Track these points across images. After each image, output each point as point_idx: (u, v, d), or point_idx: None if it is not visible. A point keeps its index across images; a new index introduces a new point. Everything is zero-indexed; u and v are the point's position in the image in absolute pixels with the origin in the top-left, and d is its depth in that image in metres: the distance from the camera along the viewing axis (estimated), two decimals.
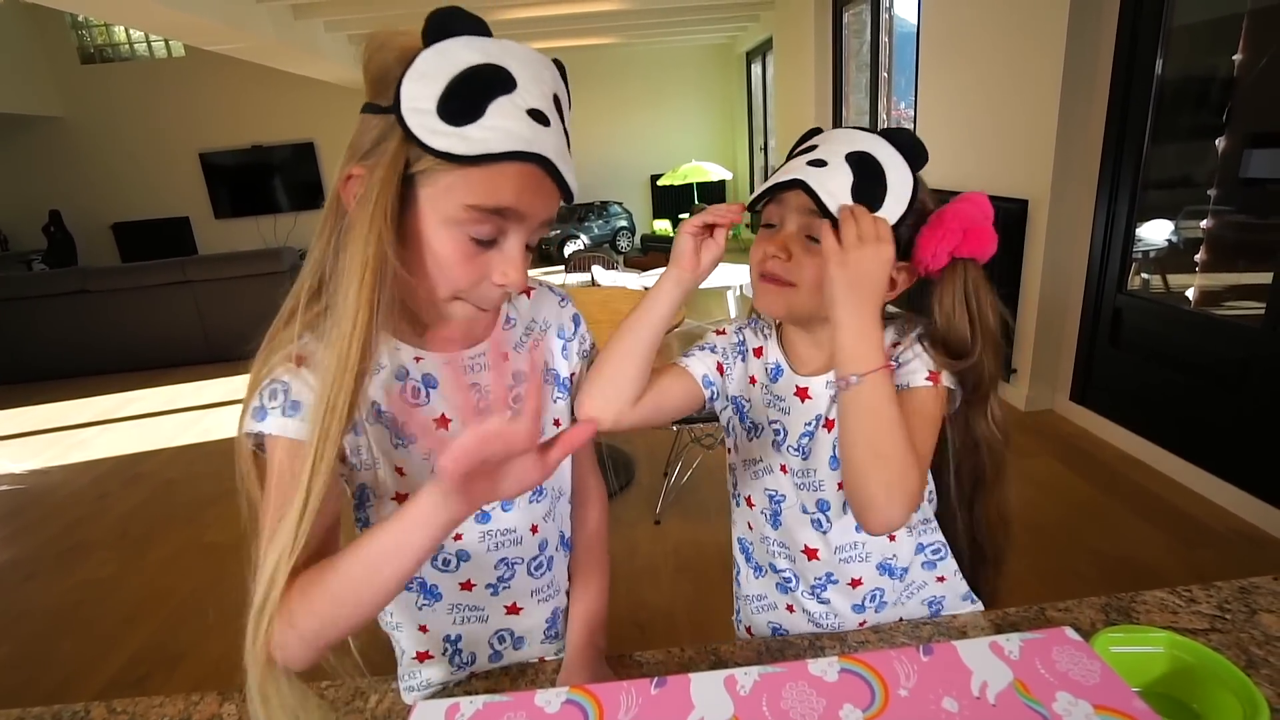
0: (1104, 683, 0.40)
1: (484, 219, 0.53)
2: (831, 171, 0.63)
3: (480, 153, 0.49)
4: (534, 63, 0.54)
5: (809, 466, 0.73)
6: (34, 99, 7.67)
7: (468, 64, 0.51)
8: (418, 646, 0.71)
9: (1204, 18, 2.39)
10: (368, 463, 0.62)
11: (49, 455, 3.47)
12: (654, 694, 0.42)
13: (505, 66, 0.51)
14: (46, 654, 1.95)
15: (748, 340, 0.79)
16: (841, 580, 0.76)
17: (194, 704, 0.70)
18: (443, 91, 0.50)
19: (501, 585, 0.71)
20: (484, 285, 0.56)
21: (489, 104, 0.50)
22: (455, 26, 0.52)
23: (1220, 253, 2.44)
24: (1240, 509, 2.10)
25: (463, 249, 0.54)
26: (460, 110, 0.50)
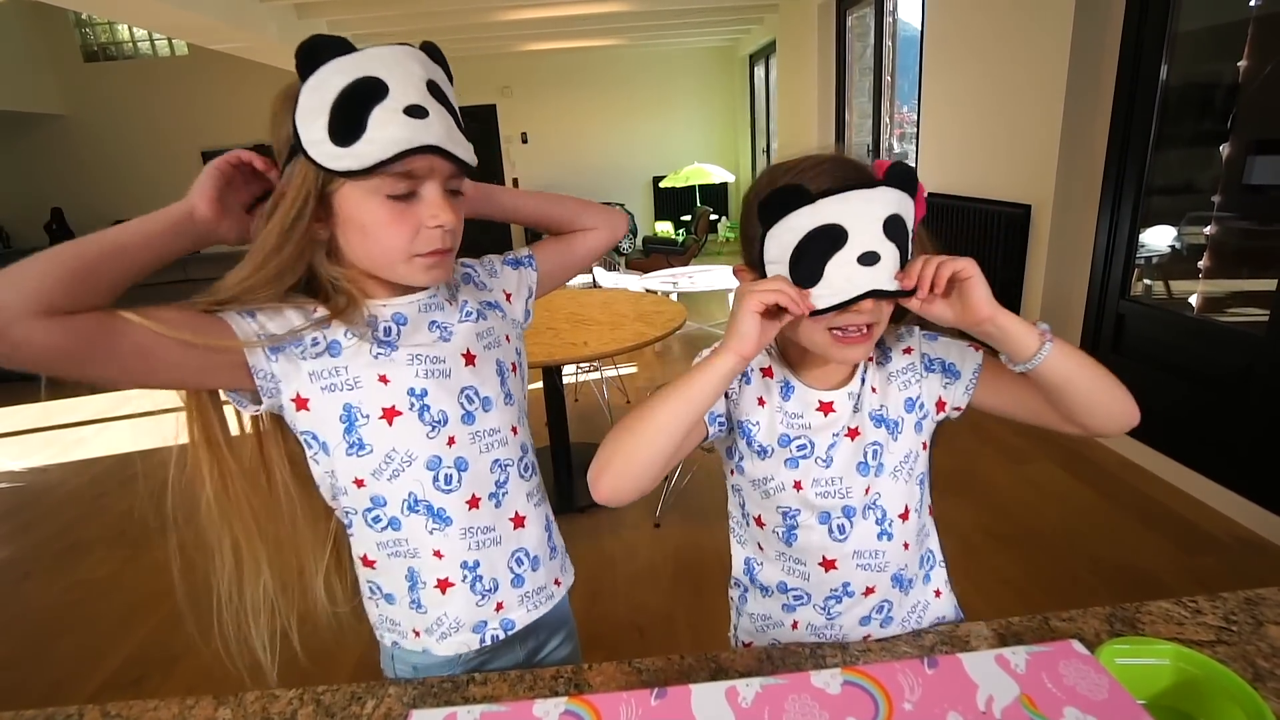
0: (1112, 698, 0.39)
1: (397, 179, 0.62)
2: (886, 262, 0.60)
3: (373, 163, 0.59)
4: (401, 61, 0.61)
5: (833, 475, 0.73)
6: (37, 97, 7.68)
7: (340, 88, 0.58)
8: (437, 574, 0.74)
9: (1209, 24, 2.38)
10: (348, 382, 0.68)
11: (47, 454, 3.47)
12: (654, 705, 0.41)
13: (374, 76, 0.59)
14: (42, 654, 1.95)
15: (755, 361, 0.75)
16: (856, 590, 0.75)
17: (189, 708, 0.69)
18: (328, 119, 0.59)
19: (501, 492, 0.76)
20: (422, 234, 0.65)
21: (368, 118, 0.58)
22: (321, 55, 0.59)
23: (1224, 259, 2.43)
24: (1242, 516, 2.10)
25: (387, 209, 0.63)
26: (345, 131, 0.59)
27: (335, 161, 0.59)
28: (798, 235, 0.60)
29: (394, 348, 0.69)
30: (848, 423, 0.73)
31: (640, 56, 8.68)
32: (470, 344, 0.75)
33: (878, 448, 0.73)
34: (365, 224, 0.64)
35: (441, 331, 0.73)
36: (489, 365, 0.76)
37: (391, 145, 0.59)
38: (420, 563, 0.73)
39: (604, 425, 3.26)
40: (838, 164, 0.65)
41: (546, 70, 8.60)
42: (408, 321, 0.72)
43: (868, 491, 0.73)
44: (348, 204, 0.64)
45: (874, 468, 0.73)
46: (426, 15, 5.61)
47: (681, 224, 8.08)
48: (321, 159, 0.60)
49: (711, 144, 9.06)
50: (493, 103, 8.74)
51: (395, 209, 0.63)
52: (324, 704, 0.68)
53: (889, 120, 4.67)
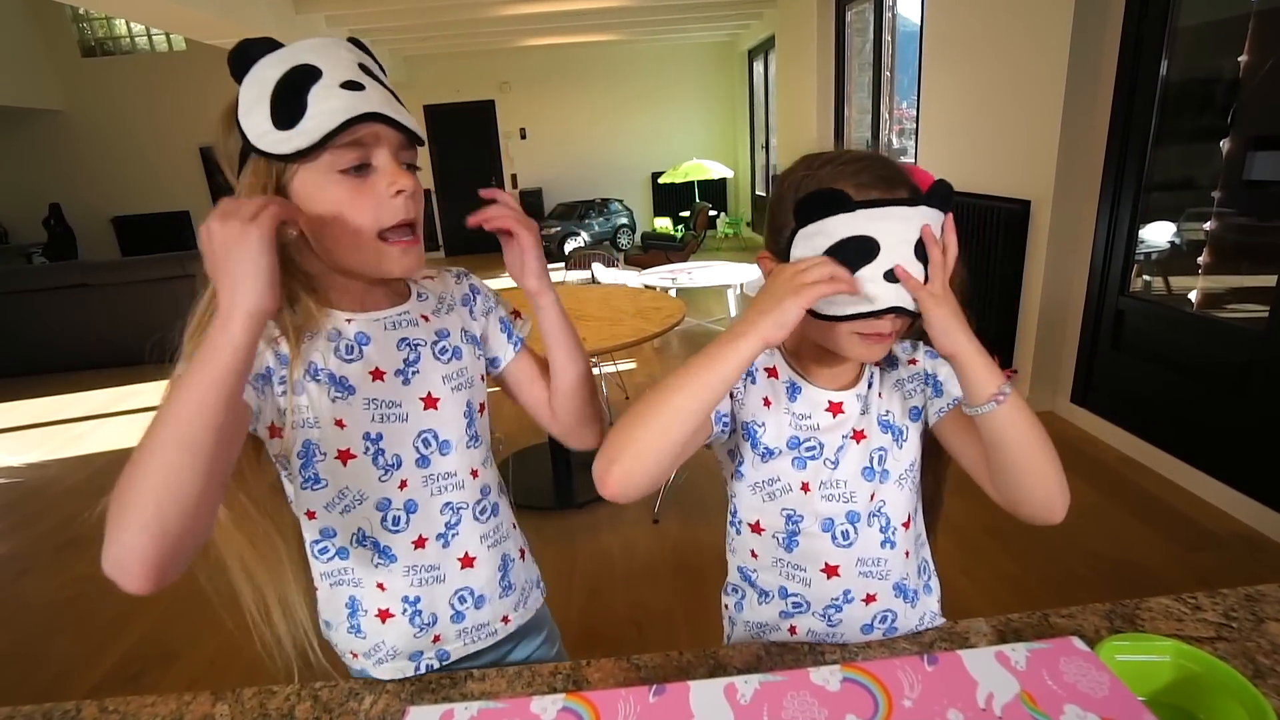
0: (1113, 695, 0.39)
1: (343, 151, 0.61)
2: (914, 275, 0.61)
3: (321, 135, 0.59)
4: (330, 48, 0.63)
5: (838, 478, 0.72)
6: (34, 92, 7.65)
7: (276, 78, 0.60)
8: (378, 604, 0.73)
9: (1209, 18, 2.38)
10: (311, 420, 0.66)
11: (47, 449, 3.47)
12: (652, 702, 0.41)
13: (307, 62, 0.61)
14: (41, 650, 1.95)
15: (759, 360, 0.74)
16: (857, 597, 0.74)
17: (186, 704, 0.69)
18: (269, 108, 0.60)
19: (450, 533, 0.74)
20: (385, 206, 0.63)
21: (307, 97, 0.59)
22: (252, 54, 0.62)
23: (1223, 255, 2.43)
24: (1241, 512, 2.10)
25: (344, 187, 0.62)
26: (287, 114, 0.59)
27: (283, 145, 0.60)
28: (830, 240, 0.60)
29: (352, 391, 0.67)
30: (855, 425, 0.72)
31: (639, 52, 8.66)
32: (434, 387, 0.72)
33: (883, 453, 0.72)
34: (327, 208, 0.62)
35: (410, 352, 0.71)
36: (455, 407, 0.74)
37: (333, 116, 0.59)
38: (363, 592, 0.73)
39: None
40: (879, 166, 0.64)
41: (545, 66, 8.58)
42: (371, 341, 0.69)
43: (873, 498, 0.72)
44: (306, 191, 0.62)
45: (879, 473, 0.72)
46: (424, 10, 5.59)
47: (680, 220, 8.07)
48: (269, 147, 0.60)
49: (710, 140, 9.04)
50: (491, 98, 8.73)
51: (352, 184, 0.62)
52: (322, 700, 0.68)
53: (888, 116, 4.66)
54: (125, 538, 0.49)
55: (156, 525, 0.48)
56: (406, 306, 0.73)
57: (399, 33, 6.55)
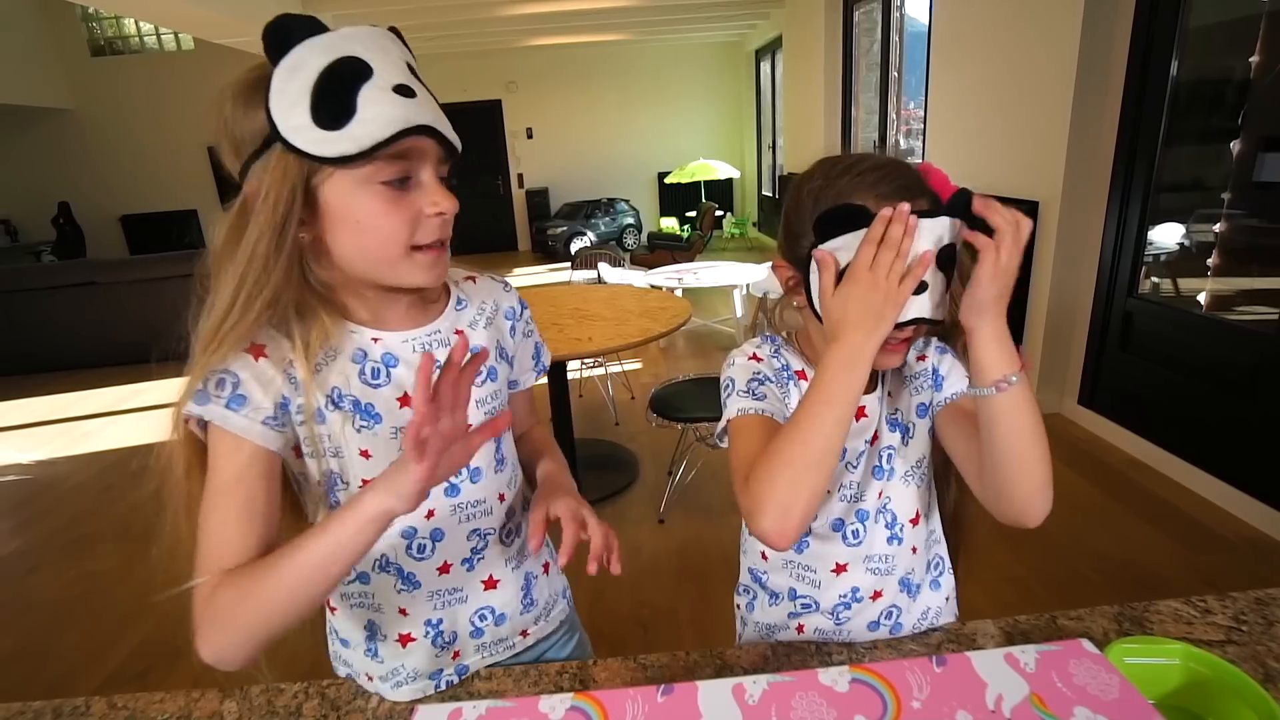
0: (1123, 698, 0.39)
1: (387, 163, 0.56)
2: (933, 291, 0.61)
3: (370, 145, 0.53)
4: (378, 40, 0.57)
5: (853, 479, 0.72)
6: (44, 91, 7.71)
7: (320, 67, 0.53)
8: (400, 629, 0.70)
9: (1220, 19, 2.36)
10: (331, 449, 0.63)
11: (55, 446, 3.49)
12: (660, 702, 0.41)
13: (356, 55, 0.54)
14: (49, 646, 1.96)
15: (790, 364, 0.73)
16: (865, 595, 0.74)
17: (194, 700, 0.69)
18: (310, 102, 0.53)
19: (476, 557, 0.72)
20: (423, 224, 0.60)
21: (357, 97, 0.53)
22: (294, 35, 0.54)
23: (1233, 257, 2.41)
24: (1250, 515, 2.08)
25: (382, 198, 0.57)
26: (334, 113, 0.53)
27: (325, 147, 0.53)
28: (850, 254, 0.60)
29: (379, 420, 0.63)
30: (875, 428, 0.72)
31: (646, 52, 8.65)
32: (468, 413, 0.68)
33: (890, 451, 0.73)
34: (359, 217, 0.57)
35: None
36: None
37: (388, 125, 0.54)
38: (383, 617, 0.70)
39: (608, 421, 3.26)
40: (898, 174, 0.62)
41: (552, 65, 8.59)
42: (399, 363, 0.65)
43: (880, 495, 0.73)
44: (337, 197, 0.56)
45: (887, 471, 0.72)
46: (433, 10, 5.60)
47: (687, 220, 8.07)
48: (308, 146, 0.53)
49: (717, 140, 9.03)
50: (498, 98, 8.74)
51: (391, 197, 0.57)
52: (329, 698, 0.68)
53: (895, 116, 4.64)
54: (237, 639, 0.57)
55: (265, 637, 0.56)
56: (438, 324, 0.68)
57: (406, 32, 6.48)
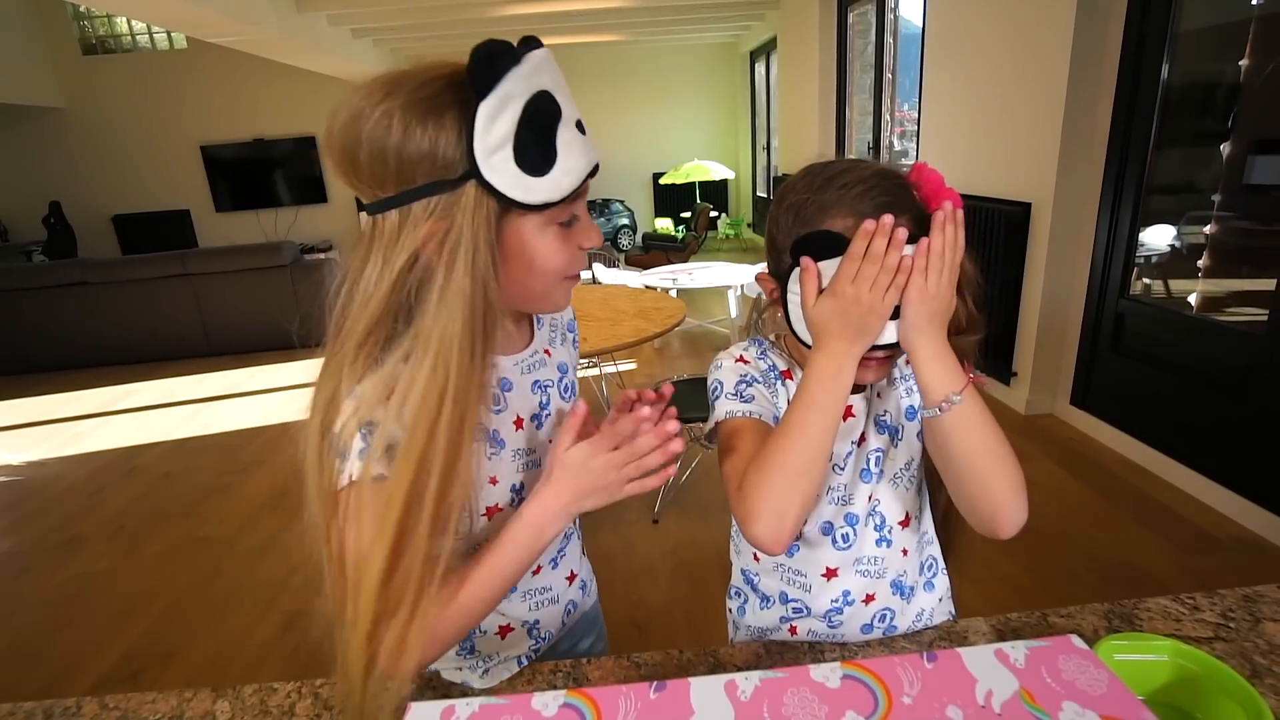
0: (1111, 693, 0.39)
1: (567, 208, 0.57)
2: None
3: (569, 193, 0.55)
4: (553, 67, 0.54)
5: (841, 481, 0.72)
6: (35, 89, 7.65)
7: (521, 106, 0.51)
8: (499, 622, 0.72)
9: (1211, 22, 2.38)
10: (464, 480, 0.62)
11: (47, 447, 3.47)
12: (653, 699, 0.41)
13: (546, 90, 0.53)
14: (41, 648, 1.95)
15: (776, 364, 0.74)
16: (856, 598, 0.74)
17: (187, 700, 0.69)
18: (515, 144, 0.51)
19: (559, 555, 0.76)
20: (577, 257, 0.61)
21: (556, 143, 0.53)
22: (501, 66, 0.50)
23: (1223, 259, 2.43)
24: (1241, 516, 2.10)
25: (558, 238, 0.58)
26: (538, 161, 0.52)
27: (530, 194, 0.53)
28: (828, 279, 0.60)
29: (503, 445, 0.66)
30: (862, 429, 0.72)
31: (641, 52, 8.66)
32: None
33: (879, 454, 0.72)
34: (533, 255, 0.58)
35: (541, 395, 0.70)
36: None
37: (581, 171, 0.55)
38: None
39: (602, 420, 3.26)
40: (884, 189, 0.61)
41: None
42: (513, 387, 0.67)
43: (870, 498, 0.72)
44: (519, 237, 0.56)
45: (875, 474, 0.72)
46: (427, 10, 5.59)
47: (681, 220, 8.08)
48: (511, 190, 0.52)
49: (712, 141, 9.05)
50: None
51: (561, 234, 0.59)
52: (322, 697, 0.68)
53: (890, 118, 4.66)
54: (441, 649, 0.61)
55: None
56: (535, 345, 0.71)
57: (400, 32, 6.55)
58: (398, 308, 0.55)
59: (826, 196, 0.62)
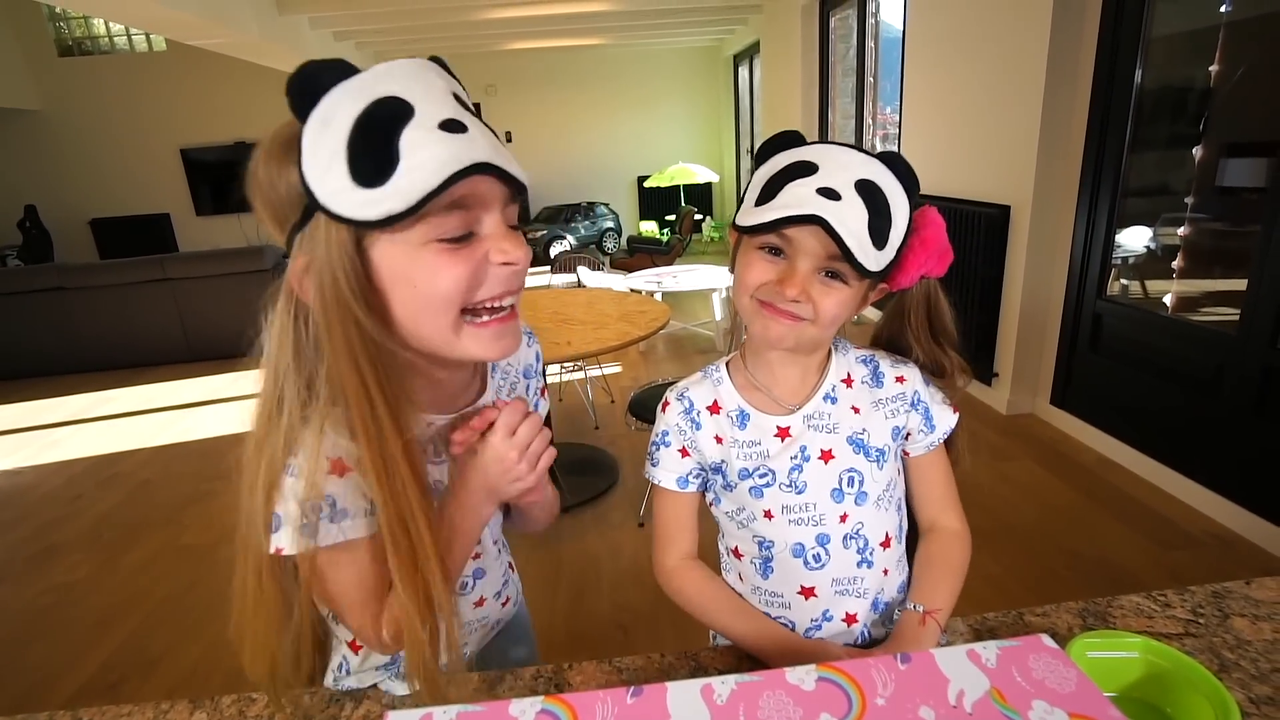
0: (1080, 690, 0.40)
1: (444, 217, 0.49)
2: (847, 205, 0.59)
3: (420, 197, 0.46)
4: (418, 73, 0.49)
5: (805, 501, 0.70)
6: (10, 91, 7.53)
7: (354, 116, 0.46)
8: None
9: (1181, 29, 2.43)
10: None
11: (22, 455, 3.40)
12: (630, 703, 0.42)
13: (394, 95, 0.47)
14: (16, 660, 1.91)
15: (696, 401, 0.73)
16: (836, 617, 0.73)
17: (164, 712, 0.68)
18: (347, 157, 0.46)
19: (504, 589, 0.80)
20: (489, 275, 0.53)
21: (398, 144, 0.46)
22: (321, 82, 0.47)
23: (1197, 260, 2.48)
24: (1215, 512, 2.14)
25: (445, 257, 0.50)
26: (374, 166, 0.46)
27: (369, 209, 0.46)
28: (775, 167, 0.63)
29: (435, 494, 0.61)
30: (811, 444, 0.70)
31: (625, 56, 8.69)
32: None
33: (856, 475, 0.70)
34: (414, 281, 0.51)
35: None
36: None
37: (439, 170, 0.46)
38: None
39: (588, 425, 3.26)
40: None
41: (532, 69, 8.58)
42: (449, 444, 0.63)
43: (844, 519, 0.70)
44: (389, 262, 0.50)
45: (853, 496, 0.70)
46: (410, 13, 5.57)
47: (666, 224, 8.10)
48: (348, 210, 0.47)
49: (696, 144, 9.09)
50: (477, 101, 8.69)
51: (449, 255, 0.50)
52: (302, 707, 0.67)
53: (872, 121, 4.71)
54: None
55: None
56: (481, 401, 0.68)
57: (383, 35, 6.52)
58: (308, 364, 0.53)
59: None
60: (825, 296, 0.62)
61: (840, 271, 0.62)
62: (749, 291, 0.65)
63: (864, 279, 0.63)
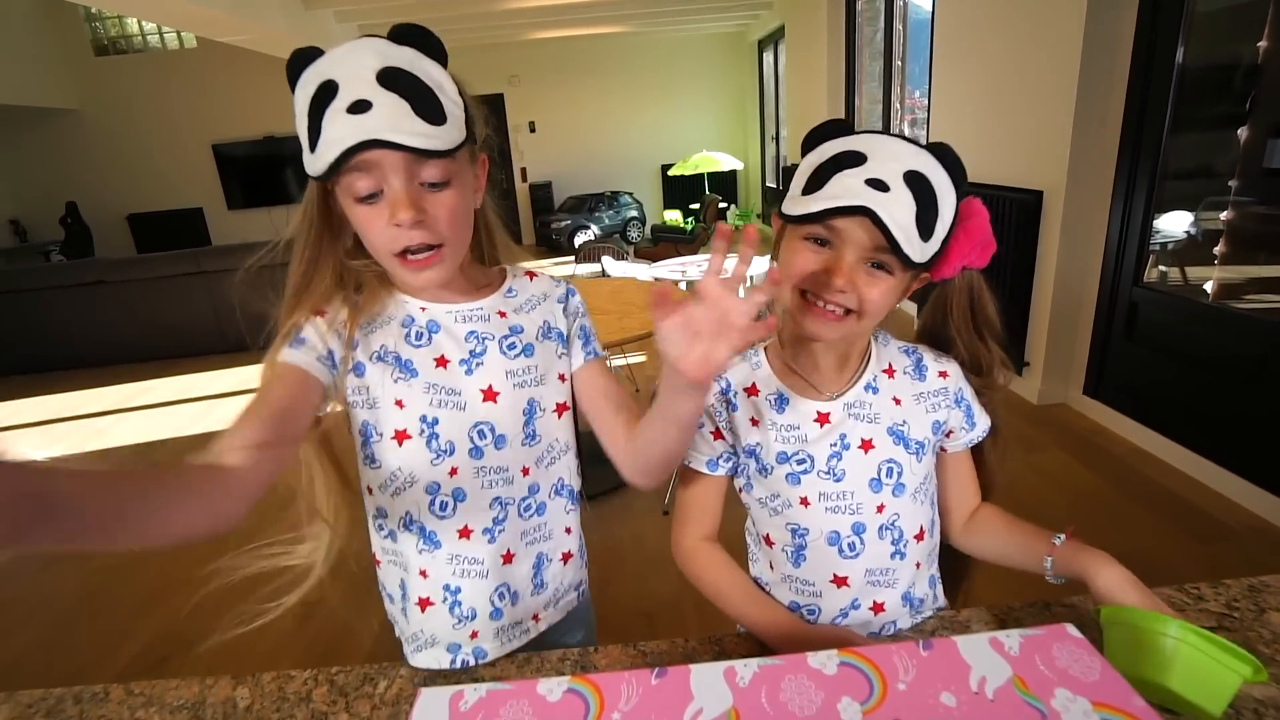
0: (1103, 680, 0.40)
1: (355, 178, 0.62)
2: (895, 196, 0.59)
3: (326, 166, 0.59)
4: (354, 55, 0.61)
5: (844, 489, 0.70)
6: (49, 91, 7.75)
7: (307, 98, 0.61)
8: (419, 592, 0.74)
9: (1227, 3, 2.34)
10: (368, 401, 0.70)
11: (68, 443, 3.54)
12: (654, 684, 0.42)
13: (329, 78, 0.60)
14: (67, 639, 2.00)
15: (734, 383, 0.74)
16: (864, 605, 0.73)
17: (209, 687, 0.71)
18: (306, 126, 0.61)
19: (497, 529, 0.74)
20: (391, 232, 0.64)
21: (323, 121, 0.60)
22: (297, 65, 0.62)
23: (1241, 245, 2.40)
24: (1255, 504, 2.08)
25: (360, 212, 0.64)
26: (312, 137, 0.61)
27: (310, 167, 0.62)
28: (824, 155, 0.63)
29: (415, 374, 0.70)
30: (851, 432, 0.71)
31: (649, 44, 8.62)
32: (495, 380, 0.72)
33: (896, 466, 0.71)
34: (354, 224, 0.66)
35: (476, 344, 0.73)
36: (514, 403, 0.73)
37: (335, 146, 0.59)
38: (409, 577, 0.75)
39: None
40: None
41: (554, 58, 8.56)
42: (441, 329, 0.72)
43: (881, 510, 0.71)
44: (341, 206, 0.66)
45: (891, 486, 0.71)
46: (433, 4, 5.59)
47: (690, 212, 8.05)
48: (306, 166, 0.63)
49: (720, 131, 9.00)
50: (500, 91, 8.73)
51: (366, 211, 0.64)
52: (338, 684, 0.70)
53: (899, 105, 4.62)
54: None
55: None
56: (482, 303, 0.75)
57: None
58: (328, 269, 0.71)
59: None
60: (871, 287, 0.63)
61: (886, 263, 0.63)
62: (795, 282, 0.66)
63: (908, 269, 0.64)
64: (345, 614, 0.78)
